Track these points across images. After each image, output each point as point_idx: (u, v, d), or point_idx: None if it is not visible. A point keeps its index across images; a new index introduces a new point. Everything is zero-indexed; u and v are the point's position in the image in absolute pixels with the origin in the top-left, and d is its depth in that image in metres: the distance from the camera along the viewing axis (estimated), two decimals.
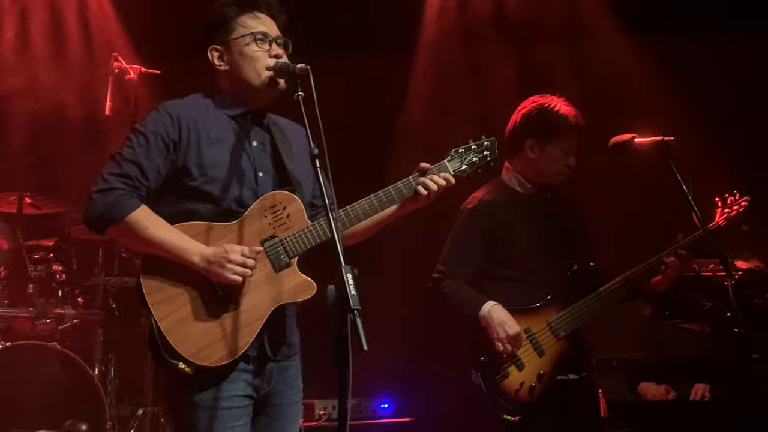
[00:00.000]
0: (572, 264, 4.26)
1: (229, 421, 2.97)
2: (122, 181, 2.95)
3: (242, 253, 2.90)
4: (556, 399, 4.13)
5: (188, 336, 2.92)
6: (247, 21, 3.21)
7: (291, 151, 3.27)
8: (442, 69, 6.19)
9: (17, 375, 5.06)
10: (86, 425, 5.04)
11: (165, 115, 3.11)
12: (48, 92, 6.57)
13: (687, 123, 4.35)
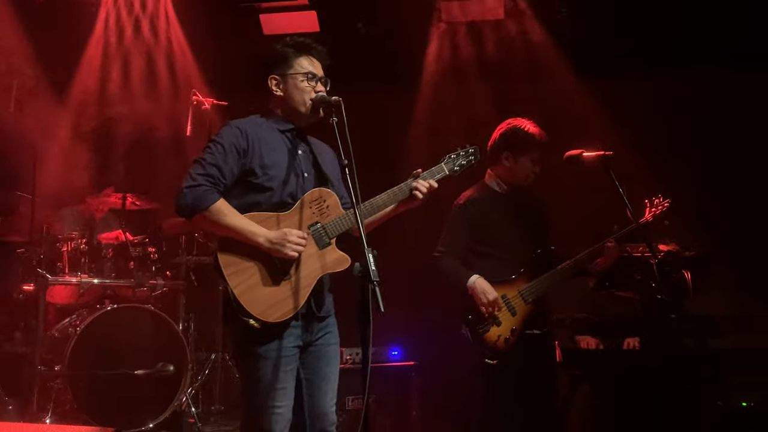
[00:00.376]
0: (537, 247, 4.35)
1: (281, 366, 3.09)
2: (206, 179, 3.06)
3: (298, 235, 3.03)
4: (525, 348, 4.22)
5: (256, 299, 3.03)
6: (303, 62, 3.31)
7: (324, 161, 3.36)
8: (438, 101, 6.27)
9: (122, 329, 5.15)
10: (173, 366, 5.15)
11: (235, 128, 3.21)
12: (144, 118, 6.63)
13: (622, 143, 4.45)
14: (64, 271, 5.45)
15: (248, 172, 3.17)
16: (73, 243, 5.52)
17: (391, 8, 6.28)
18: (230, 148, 3.13)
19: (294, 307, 3.07)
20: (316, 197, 3.22)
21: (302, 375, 3.24)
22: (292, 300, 3.07)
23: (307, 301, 3.13)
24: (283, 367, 3.12)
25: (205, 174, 3.07)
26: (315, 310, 3.19)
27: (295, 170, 3.26)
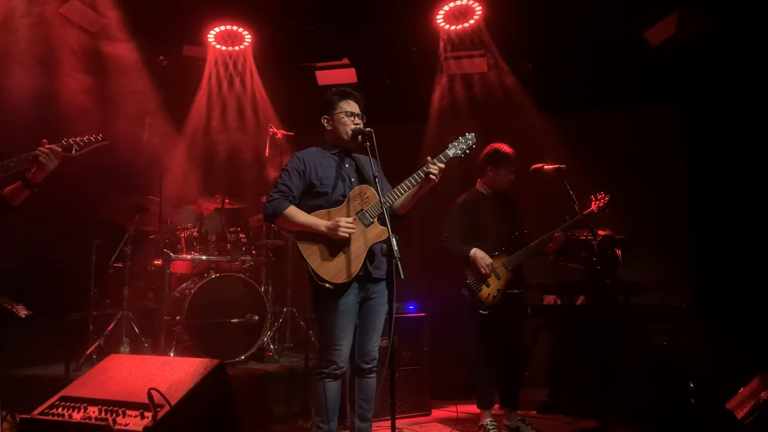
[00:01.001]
0: (513, 232, 4.33)
1: (344, 317, 3.15)
2: (279, 194, 3.21)
3: (346, 221, 3.06)
4: (506, 302, 4.23)
5: (328, 269, 3.09)
6: (343, 104, 3.35)
7: (366, 170, 3.35)
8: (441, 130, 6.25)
9: (222, 291, 5.09)
10: (257, 316, 5.12)
11: (296, 157, 3.34)
12: (235, 144, 6.65)
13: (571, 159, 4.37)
14: (182, 250, 5.44)
15: (310, 184, 3.27)
16: (188, 231, 5.51)
17: (406, 66, 6.26)
18: (293, 171, 3.27)
19: (354, 270, 3.13)
20: (358, 192, 3.26)
21: (357, 323, 3.27)
22: (353, 265, 3.13)
23: (364, 266, 3.17)
24: (345, 317, 3.17)
25: (278, 191, 3.23)
26: (370, 271, 3.21)
27: (342, 178, 3.31)
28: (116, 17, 5.25)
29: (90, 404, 2.32)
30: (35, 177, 2.76)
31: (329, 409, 3.19)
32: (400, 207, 3.38)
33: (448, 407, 4.99)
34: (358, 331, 3.27)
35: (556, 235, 4.26)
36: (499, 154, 4.29)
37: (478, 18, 5.63)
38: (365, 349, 3.28)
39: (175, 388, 2.28)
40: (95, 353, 4.99)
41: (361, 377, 3.31)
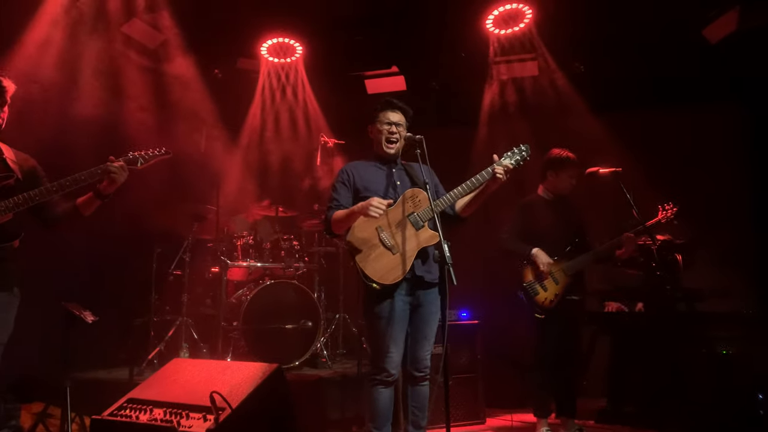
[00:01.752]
0: (574, 237, 4.28)
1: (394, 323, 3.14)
2: (331, 207, 3.29)
3: (378, 201, 3.04)
4: (564, 308, 4.17)
5: (376, 269, 3.08)
6: (384, 114, 3.38)
7: (416, 176, 3.35)
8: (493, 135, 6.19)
9: (276, 298, 5.16)
10: (311, 322, 5.16)
11: (341, 171, 3.40)
12: (288, 153, 6.75)
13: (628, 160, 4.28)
14: (238, 258, 5.54)
15: (356, 190, 3.32)
16: (244, 239, 5.61)
17: (455, 72, 6.24)
18: (339, 184, 3.34)
19: (402, 272, 3.10)
20: (410, 195, 3.26)
21: (408, 330, 3.25)
22: (401, 267, 3.10)
23: (412, 268, 3.14)
24: (395, 324, 3.15)
25: (329, 207, 3.31)
26: (420, 275, 3.19)
27: (392, 185, 3.34)
28: (174, 33, 5.44)
29: (155, 406, 2.41)
30: (107, 189, 2.89)
31: (382, 416, 3.19)
32: (463, 209, 3.37)
33: (503, 416, 4.92)
34: (410, 338, 3.24)
35: (628, 236, 4.16)
36: (560, 159, 4.27)
37: (529, 21, 5.58)
38: (417, 357, 3.25)
39: (236, 392, 2.35)
40: (156, 358, 5.15)
41: (414, 385, 3.28)
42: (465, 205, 3.34)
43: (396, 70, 6.35)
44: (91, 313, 4.39)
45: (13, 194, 2.70)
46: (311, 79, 6.50)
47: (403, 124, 3.38)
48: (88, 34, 4.99)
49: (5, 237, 2.70)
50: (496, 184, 3.19)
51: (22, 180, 2.82)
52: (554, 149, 4.33)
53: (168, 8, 5.11)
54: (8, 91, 2.73)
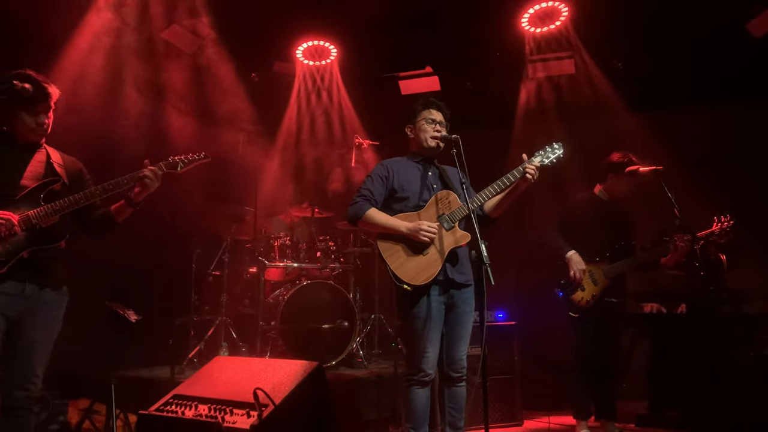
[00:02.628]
0: (621, 241, 4.22)
1: (429, 323, 3.13)
2: (361, 197, 3.27)
3: (428, 225, 3.07)
4: (603, 310, 4.12)
5: (406, 270, 3.08)
6: (425, 113, 3.39)
7: (450, 177, 3.35)
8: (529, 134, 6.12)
9: (313, 298, 5.21)
10: (347, 322, 5.19)
11: (380, 165, 3.40)
12: (323, 155, 6.82)
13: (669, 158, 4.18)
14: (275, 258, 5.61)
15: (392, 190, 3.32)
16: (281, 240, 5.68)
17: (490, 71, 6.20)
18: (377, 177, 3.33)
19: (433, 273, 3.10)
20: (442, 196, 3.26)
21: (444, 331, 3.24)
22: (431, 268, 3.10)
23: (444, 269, 3.14)
24: (430, 324, 3.14)
25: (360, 195, 3.29)
26: (452, 276, 3.17)
27: (426, 186, 3.33)
28: (212, 38, 5.55)
29: (200, 402, 2.46)
30: (138, 197, 2.93)
31: (419, 416, 3.18)
32: (493, 209, 3.36)
33: (541, 417, 4.86)
34: (445, 339, 3.23)
35: (679, 245, 4.08)
36: (624, 163, 4.20)
37: (565, 19, 5.51)
38: (453, 358, 3.23)
39: (278, 389, 2.38)
40: (196, 357, 5.26)
41: (451, 386, 3.26)
42: (495, 205, 3.33)
43: (430, 71, 6.34)
44: (134, 312, 4.52)
45: (60, 197, 2.78)
46: (346, 81, 6.54)
47: (444, 124, 3.39)
48: (130, 41, 5.12)
49: (53, 238, 2.78)
50: (525, 184, 3.16)
51: (68, 183, 2.91)
52: (617, 152, 4.28)
53: (207, 13, 5.20)
54: (53, 97, 2.82)
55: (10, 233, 2.63)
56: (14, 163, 2.78)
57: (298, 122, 6.80)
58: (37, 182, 2.79)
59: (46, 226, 2.74)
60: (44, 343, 2.77)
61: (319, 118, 6.82)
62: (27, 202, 2.73)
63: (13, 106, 2.73)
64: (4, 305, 2.62)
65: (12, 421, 2.68)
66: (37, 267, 2.73)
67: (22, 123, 2.76)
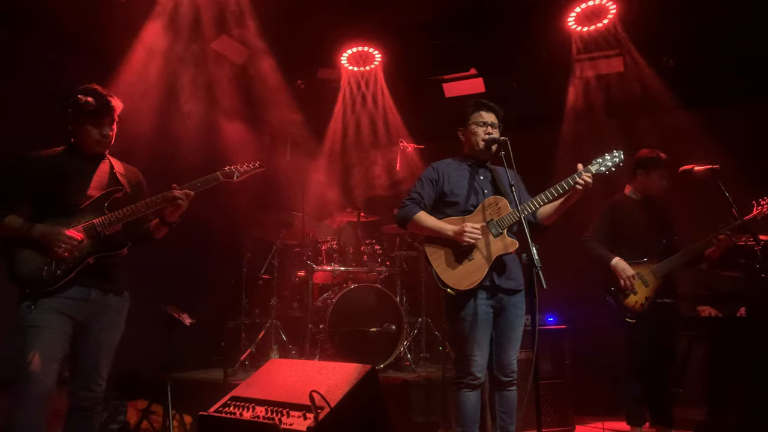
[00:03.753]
0: (663, 238, 4.13)
1: (477, 327, 3.12)
2: (410, 200, 3.30)
3: (472, 227, 3.06)
4: (656, 312, 4.03)
5: (451, 274, 3.10)
6: (476, 115, 3.37)
7: (501, 181, 3.32)
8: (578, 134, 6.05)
9: (360, 301, 5.26)
10: (394, 326, 5.23)
11: (431, 168, 3.40)
12: (369, 160, 6.86)
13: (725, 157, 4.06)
14: (323, 262, 5.68)
15: (441, 193, 3.31)
16: (328, 244, 5.75)
17: (536, 71, 6.12)
18: (426, 180, 3.34)
19: (477, 279, 3.09)
20: (492, 202, 3.24)
21: (493, 335, 3.22)
22: (477, 274, 3.10)
23: (490, 276, 3.12)
24: (478, 328, 3.13)
25: (410, 198, 3.32)
26: (498, 283, 3.15)
27: (476, 189, 3.31)
28: (260, 47, 5.66)
29: (257, 404, 2.53)
30: (171, 216, 3.01)
31: (469, 420, 3.17)
32: (546, 217, 3.31)
33: (593, 423, 4.78)
34: (495, 343, 3.21)
35: (721, 238, 3.97)
36: (651, 159, 4.14)
37: (613, 17, 5.41)
38: (503, 362, 3.21)
39: (333, 391, 2.43)
40: (248, 359, 5.38)
41: (501, 390, 3.24)
42: (548, 213, 3.28)
43: (474, 73, 6.31)
44: (188, 315, 4.65)
45: (122, 206, 2.91)
46: (390, 85, 6.58)
47: (497, 125, 3.36)
48: (182, 52, 5.28)
49: (116, 245, 2.91)
50: (578, 195, 3.10)
51: (130, 192, 3.04)
52: (644, 149, 4.21)
53: (254, 23, 5.32)
54: (117, 109, 2.95)
55: (72, 249, 2.74)
56: (82, 173, 2.92)
57: (343, 127, 6.87)
58: (101, 191, 2.92)
59: (109, 233, 2.87)
60: (109, 347, 2.90)
61: (364, 123, 6.87)
62: (92, 210, 2.87)
63: (79, 120, 2.87)
64: (73, 309, 2.75)
65: (79, 421, 2.82)
66: (102, 273, 2.86)
67: (88, 135, 2.90)
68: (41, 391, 2.58)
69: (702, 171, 3.93)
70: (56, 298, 2.71)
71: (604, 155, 3.21)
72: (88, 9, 4.40)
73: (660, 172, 4.15)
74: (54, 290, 2.70)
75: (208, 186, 3.02)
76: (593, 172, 3.13)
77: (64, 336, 2.72)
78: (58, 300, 2.72)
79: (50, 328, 2.66)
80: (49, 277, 2.70)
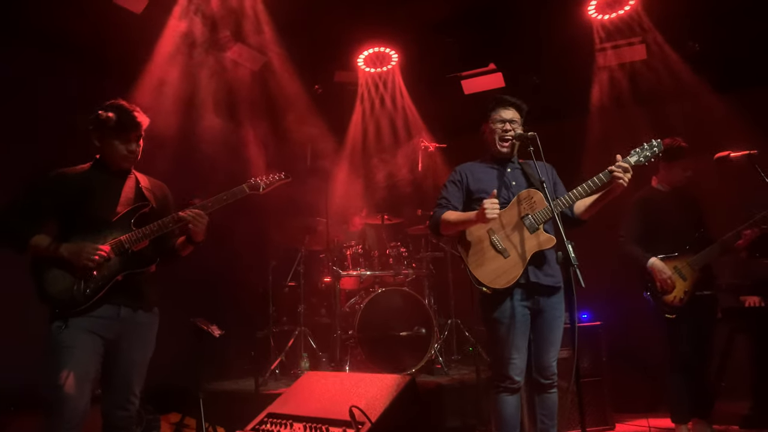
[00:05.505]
0: (696, 230, 4.03)
1: (514, 328, 3.02)
2: (439, 206, 3.25)
3: (490, 202, 2.91)
4: (695, 305, 3.93)
5: (486, 272, 2.98)
6: (497, 113, 3.26)
7: (533, 175, 3.20)
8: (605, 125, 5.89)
9: (389, 305, 5.18)
10: (424, 329, 5.12)
11: (454, 171, 3.34)
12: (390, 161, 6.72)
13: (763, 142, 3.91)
14: (349, 267, 5.62)
15: (469, 192, 3.24)
16: (353, 249, 5.68)
17: (557, 63, 5.95)
18: (450, 183, 3.29)
19: (514, 277, 2.98)
20: (526, 196, 3.12)
21: (531, 336, 3.11)
22: (513, 271, 2.99)
23: (526, 274, 3.01)
24: (516, 330, 3.02)
25: (438, 205, 3.26)
26: (535, 280, 3.04)
27: (505, 183, 3.21)
28: (276, 54, 5.62)
29: (295, 421, 2.46)
30: (196, 237, 2.95)
31: (508, 424, 3.07)
32: (584, 211, 3.18)
33: (636, 421, 4.65)
34: (533, 345, 3.10)
35: (746, 233, 3.87)
36: (671, 149, 3.96)
37: (635, 2, 5.25)
38: (543, 364, 3.10)
39: (373, 405, 2.35)
40: (278, 368, 5.34)
41: (541, 393, 3.14)
42: (587, 207, 3.15)
43: (493, 68, 6.20)
44: (217, 327, 4.62)
45: (149, 221, 2.86)
46: (408, 85, 6.51)
47: (518, 121, 3.25)
48: (200, 61, 5.26)
49: (144, 262, 2.87)
50: (619, 188, 2.97)
51: (156, 208, 2.99)
52: (666, 139, 3.99)
53: (269, 30, 5.27)
54: (143, 125, 2.91)
55: (105, 259, 2.72)
56: (108, 189, 2.88)
57: (363, 130, 6.82)
58: (128, 207, 2.88)
59: (137, 249, 2.83)
60: (141, 365, 2.86)
61: (383, 125, 6.81)
62: (120, 226, 2.83)
63: (105, 135, 2.83)
64: (103, 328, 2.71)
65: None
66: (131, 290, 2.82)
67: (115, 151, 2.86)
68: (76, 413, 2.55)
69: (738, 157, 3.78)
70: (87, 317, 2.68)
71: (643, 145, 3.06)
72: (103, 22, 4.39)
73: (682, 163, 4.03)
74: (84, 309, 2.67)
75: (234, 199, 2.96)
76: (632, 164, 3.00)
77: (96, 355, 2.69)
78: (89, 319, 2.68)
79: (82, 348, 2.63)
80: (79, 296, 2.66)
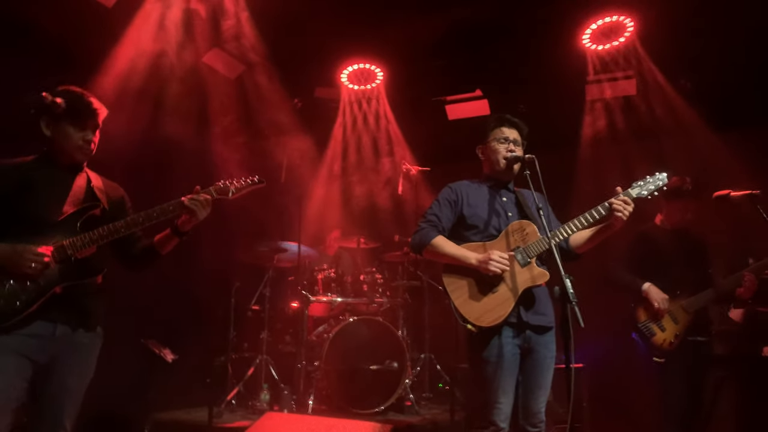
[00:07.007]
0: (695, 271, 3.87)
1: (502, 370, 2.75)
2: (427, 223, 2.96)
3: (500, 255, 2.71)
4: (687, 350, 3.76)
5: (472, 308, 2.75)
6: (497, 131, 3.07)
7: (528, 204, 3.01)
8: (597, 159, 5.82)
9: (358, 335, 4.90)
10: (396, 363, 4.83)
11: (448, 188, 3.08)
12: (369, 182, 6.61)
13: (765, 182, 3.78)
14: (319, 292, 5.33)
15: (461, 216, 2.99)
16: (325, 272, 5.40)
17: (543, 94, 5.86)
18: (444, 201, 3.03)
19: (502, 315, 2.74)
20: (517, 227, 2.89)
21: (519, 378, 2.86)
22: (501, 309, 2.75)
23: (516, 311, 2.78)
24: (503, 370, 2.76)
25: (426, 221, 2.99)
26: (525, 319, 2.79)
27: (497, 212, 2.98)
28: (255, 63, 5.41)
29: None
30: (185, 225, 2.64)
31: None
32: (581, 245, 2.98)
33: None
34: (521, 388, 2.85)
35: (747, 278, 3.69)
36: (673, 188, 3.81)
37: (630, 34, 5.19)
38: (531, 410, 2.83)
39: None
40: (235, 399, 4.96)
41: None
42: (584, 241, 2.95)
43: (479, 94, 6.10)
44: (170, 351, 4.25)
45: (99, 225, 2.51)
46: (393, 105, 6.36)
47: (520, 143, 3.06)
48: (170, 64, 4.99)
49: (89, 272, 2.50)
50: (620, 222, 2.77)
51: (109, 210, 2.64)
52: (674, 177, 3.88)
53: (250, 37, 5.04)
54: (101, 114, 2.58)
55: (43, 268, 2.34)
56: (54, 185, 2.51)
57: (343, 148, 6.64)
58: (75, 207, 2.52)
59: (81, 257, 2.45)
60: (76, 392, 2.46)
61: (365, 144, 6.64)
62: (64, 228, 2.44)
63: (57, 122, 2.48)
64: (33, 350, 2.32)
65: None
66: (70, 305, 2.42)
67: (69, 139, 2.50)
68: None
69: (739, 197, 3.61)
70: (14, 335, 2.28)
71: (646, 177, 2.88)
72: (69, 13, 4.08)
73: (681, 204, 3.92)
74: (11, 326, 2.27)
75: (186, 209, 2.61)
76: (634, 197, 2.81)
77: (21, 381, 2.29)
78: (17, 338, 2.28)
79: (4, 372, 2.24)
80: (8, 309, 2.27)
